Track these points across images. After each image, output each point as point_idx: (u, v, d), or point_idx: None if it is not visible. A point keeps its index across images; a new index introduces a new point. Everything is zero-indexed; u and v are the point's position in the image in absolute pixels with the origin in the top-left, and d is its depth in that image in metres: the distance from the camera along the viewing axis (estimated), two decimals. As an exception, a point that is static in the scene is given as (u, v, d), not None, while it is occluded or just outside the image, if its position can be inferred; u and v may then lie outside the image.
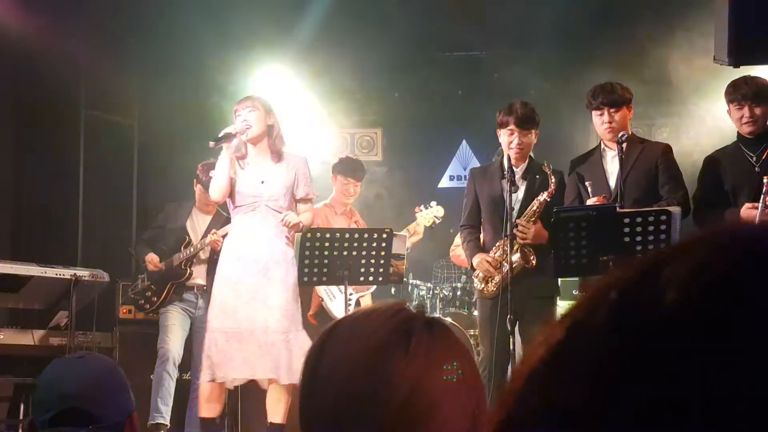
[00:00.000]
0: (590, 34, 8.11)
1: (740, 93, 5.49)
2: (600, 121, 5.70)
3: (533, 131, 5.80)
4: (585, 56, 8.20)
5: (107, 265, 7.18)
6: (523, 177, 5.78)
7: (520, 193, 5.76)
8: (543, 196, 5.70)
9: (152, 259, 6.98)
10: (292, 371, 5.68)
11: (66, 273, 6.59)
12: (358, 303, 6.91)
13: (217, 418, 6.01)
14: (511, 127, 5.74)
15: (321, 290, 6.90)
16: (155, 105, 8.41)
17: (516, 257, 5.65)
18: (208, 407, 5.91)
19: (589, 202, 5.56)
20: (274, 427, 5.90)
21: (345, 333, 1.40)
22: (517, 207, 5.75)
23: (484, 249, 5.87)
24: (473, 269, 5.91)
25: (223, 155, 5.84)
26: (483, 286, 5.81)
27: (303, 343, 5.66)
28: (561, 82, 8.21)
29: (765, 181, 5.28)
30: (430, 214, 7.25)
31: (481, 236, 5.95)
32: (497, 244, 5.77)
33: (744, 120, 5.49)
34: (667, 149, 5.80)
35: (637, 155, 5.71)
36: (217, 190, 5.87)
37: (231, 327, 5.77)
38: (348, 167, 7.26)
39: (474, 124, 8.68)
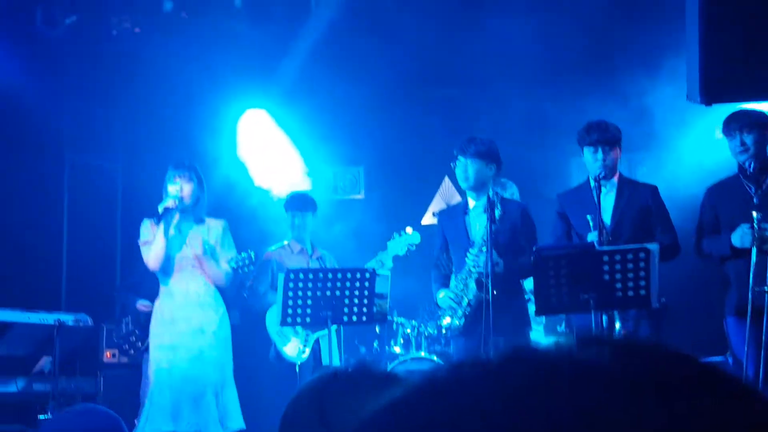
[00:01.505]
0: (570, 72, 8.18)
1: (731, 125, 5.61)
2: (593, 158, 5.78)
3: (482, 161, 5.87)
4: (566, 94, 8.29)
5: (91, 308, 7.17)
6: (484, 211, 5.83)
7: (481, 227, 5.81)
8: (491, 226, 5.76)
9: (145, 304, 7.01)
10: (228, 420, 6.07)
11: (49, 318, 6.58)
12: (317, 342, 6.87)
13: None
14: (460, 158, 5.86)
15: (273, 333, 6.84)
16: (139, 148, 8.45)
17: (474, 288, 5.71)
18: None
19: (591, 236, 5.61)
20: None
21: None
22: (478, 240, 5.83)
23: None
24: (439, 308, 5.99)
25: (162, 227, 6.21)
26: (448, 322, 5.86)
27: (232, 396, 6.14)
28: (541, 119, 8.30)
29: (754, 215, 5.36)
30: (403, 241, 6.70)
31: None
32: (455, 278, 5.86)
33: (737, 150, 5.59)
34: (656, 191, 5.91)
35: (629, 195, 5.79)
36: (155, 260, 6.24)
37: (168, 384, 6.06)
38: (297, 201, 7.24)
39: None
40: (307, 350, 6.73)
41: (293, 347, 6.78)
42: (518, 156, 7.46)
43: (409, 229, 6.80)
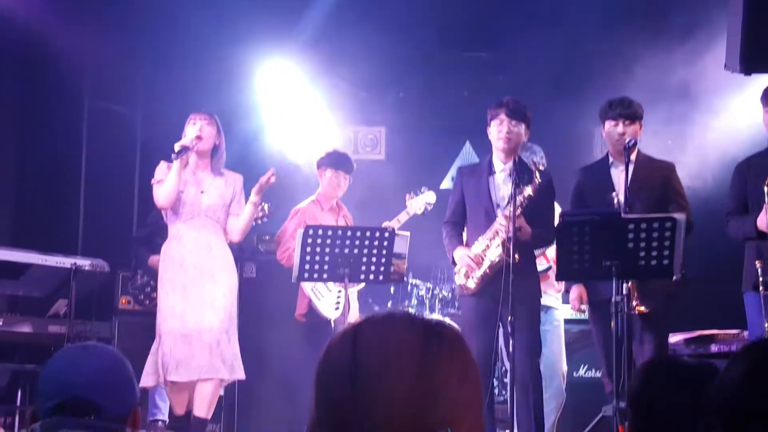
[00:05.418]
0: (598, 39, 8.08)
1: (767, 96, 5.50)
2: (614, 132, 5.75)
3: (523, 125, 5.81)
4: (591, 62, 8.21)
5: (108, 254, 7.16)
6: (510, 174, 5.74)
7: (507, 190, 5.73)
8: (528, 191, 5.67)
9: (156, 261, 6.98)
10: (234, 369, 6.03)
11: (66, 262, 6.58)
12: (347, 300, 6.84)
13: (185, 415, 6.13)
14: (502, 116, 5.78)
15: (308, 289, 6.80)
16: (159, 97, 8.40)
17: (498, 251, 5.63)
18: (177, 405, 6.11)
19: None
20: (198, 421, 6.03)
21: (374, 343, 1.43)
22: (503, 204, 5.75)
23: (467, 245, 5.87)
24: (454, 264, 5.91)
25: (175, 165, 6.07)
26: (464, 281, 5.80)
27: (235, 347, 6.09)
28: (566, 85, 8.22)
29: (766, 190, 5.30)
30: (421, 200, 6.98)
31: (464, 234, 5.97)
32: (479, 239, 5.77)
33: None
34: (672, 168, 5.88)
35: (645, 173, 5.75)
36: (166, 197, 6.11)
37: (180, 329, 5.99)
38: (337, 160, 7.13)
39: (478, 125, 8.64)
40: (341, 306, 6.62)
41: (328, 304, 6.74)
42: (543, 121, 7.39)
43: (424, 189, 7.03)
